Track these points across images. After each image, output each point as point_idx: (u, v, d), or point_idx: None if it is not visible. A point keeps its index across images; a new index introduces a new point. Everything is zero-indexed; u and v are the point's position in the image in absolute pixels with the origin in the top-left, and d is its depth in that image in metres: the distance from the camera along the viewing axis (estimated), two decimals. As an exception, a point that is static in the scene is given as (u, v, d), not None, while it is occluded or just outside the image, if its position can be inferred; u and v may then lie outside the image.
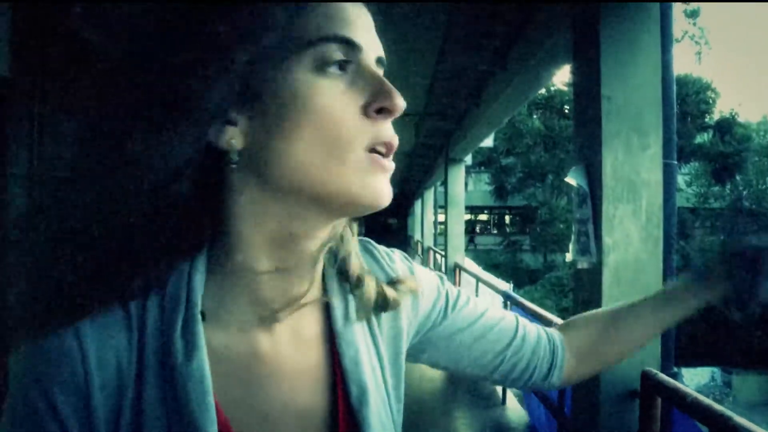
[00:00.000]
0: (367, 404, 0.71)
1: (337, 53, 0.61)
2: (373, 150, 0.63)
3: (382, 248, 0.89)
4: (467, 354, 0.93)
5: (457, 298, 0.95)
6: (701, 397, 2.12)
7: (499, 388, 5.88)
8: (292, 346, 0.71)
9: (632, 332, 1.06)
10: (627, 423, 2.59)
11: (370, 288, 0.76)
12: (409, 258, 0.93)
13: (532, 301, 6.64)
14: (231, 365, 0.66)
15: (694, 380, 19.94)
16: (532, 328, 1.02)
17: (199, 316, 0.63)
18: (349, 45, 0.62)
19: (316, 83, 0.60)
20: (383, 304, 0.77)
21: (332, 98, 0.61)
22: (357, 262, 0.77)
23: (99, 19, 0.62)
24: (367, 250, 0.86)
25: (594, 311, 1.16)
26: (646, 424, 2.48)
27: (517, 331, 0.98)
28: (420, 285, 0.87)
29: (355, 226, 0.79)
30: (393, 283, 0.82)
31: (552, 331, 1.06)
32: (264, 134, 0.61)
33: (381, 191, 0.64)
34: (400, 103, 0.63)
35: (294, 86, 0.60)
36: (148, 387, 0.60)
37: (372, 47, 0.65)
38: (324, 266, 0.76)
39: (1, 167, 3.06)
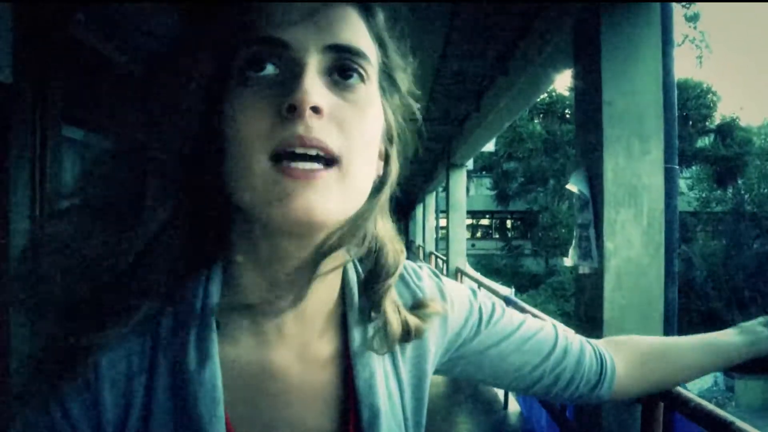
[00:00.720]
0: (378, 429, 0.68)
1: (258, 55, 0.57)
2: (282, 157, 0.55)
3: (410, 265, 0.84)
4: (504, 368, 0.89)
5: (492, 311, 0.90)
6: (704, 402, 2.11)
7: (500, 393, 5.86)
8: (303, 363, 0.69)
9: (679, 368, 1.05)
10: (629, 428, 2.58)
11: (393, 320, 0.73)
12: (438, 274, 0.88)
13: (535, 305, 6.63)
14: (240, 379, 0.65)
15: (696, 385, 19.87)
16: (575, 339, 0.98)
17: (214, 326, 0.62)
18: (274, 44, 0.57)
19: (237, 90, 0.57)
20: (405, 336, 0.74)
21: (246, 105, 0.56)
22: (382, 288, 0.72)
23: (101, 26, 0.61)
24: None
25: (636, 337, 1.10)
26: (647, 429, 2.48)
27: (557, 342, 0.95)
28: (449, 303, 0.83)
29: (395, 245, 0.74)
30: (418, 306, 0.78)
31: (597, 342, 1.02)
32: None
33: (295, 205, 0.55)
34: (301, 96, 0.54)
35: (225, 97, 0.58)
36: (158, 392, 0.60)
37: (312, 38, 0.58)
38: (347, 283, 0.73)
39: (3, 174, 3.06)
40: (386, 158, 0.70)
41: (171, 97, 0.57)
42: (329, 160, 0.57)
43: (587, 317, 2.78)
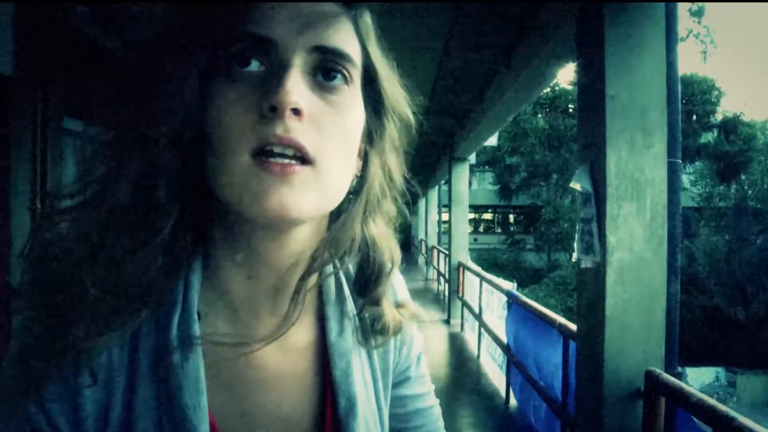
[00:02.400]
0: (354, 416, 0.70)
1: (244, 52, 0.57)
2: (261, 153, 0.56)
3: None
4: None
5: (420, 361, 0.91)
6: (705, 397, 2.11)
7: (503, 388, 5.87)
8: (282, 353, 0.70)
9: None
10: (630, 423, 2.58)
11: (388, 313, 0.76)
12: None
13: (537, 300, 6.63)
14: (220, 368, 0.65)
15: (698, 380, 19.89)
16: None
17: (196, 317, 0.63)
18: (260, 42, 0.57)
19: (222, 85, 0.58)
20: (396, 330, 0.77)
21: (230, 101, 0.57)
22: (382, 281, 0.75)
23: (102, 18, 0.61)
24: None
25: None
26: (649, 424, 2.48)
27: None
28: (412, 326, 0.85)
29: (390, 245, 0.75)
30: (398, 305, 0.81)
31: None
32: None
33: (270, 199, 0.56)
34: (283, 98, 0.55)
35: (209, 94, 0.58)
36: (140, 384, 0.60)
37: (299, 38, 0.58)
38: (324, 274, 0.74)
39: (4, 165, 3.06)
40: (365, 157, 0.70)
41: (159, 91, 0.57)
42: (304, 160, 0.57)
43: (589, 312, 2.78)
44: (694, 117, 27.11)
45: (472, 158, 11.45)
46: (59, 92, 3.32)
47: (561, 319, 3.89)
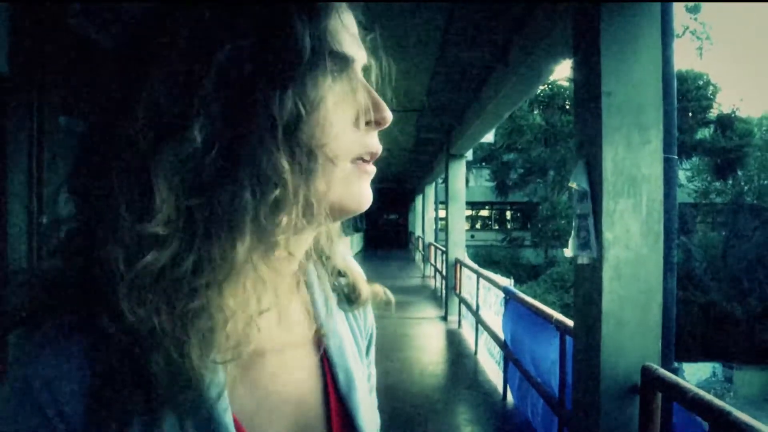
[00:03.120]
0: (354, 389, 0.74)
1: (332, 68, 0.60)
2: (358, 158, 0.65)
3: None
4: None
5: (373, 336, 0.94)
6: (702, 393, 2.12)
7: (500, 384, 5.89)
8: (285, 332, 0.72)
9: None
10: (627, 418, 2.59)
11: (357, 275, 0.82)
12: None
13: (534, 296, 6.65)
14: (238, 367, 0.64)
15: (695, 375, 19.96)
16: None
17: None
18: (343, 60, 0.62)
19: (321, 95, 0.59)
20: (363, 297, 0.82)
21: (332, 111, 0.60)
22: (341, 258, 0.81)
23: (96, 16, 0.60)
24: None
25: None
26: (646, 419, 2.49)
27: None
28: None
29: (336, 226, 0.80)
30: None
31: None
32: None
33: (364, 196, 0.66)
34: (389, 116, 0.65)
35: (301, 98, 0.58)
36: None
37: (359, 56, 0.65)
38: (302, 263, 0.77)
39: (1, 164, 3.06)
40: None
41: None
42: None
43: (586, 308, 2.79)
44: (690, 113, 27.14)
45: (469, 155, 11.46)
46: (55, 91, 3.31)
47: (558, 315, 3.90)
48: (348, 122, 0.62)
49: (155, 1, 0.59)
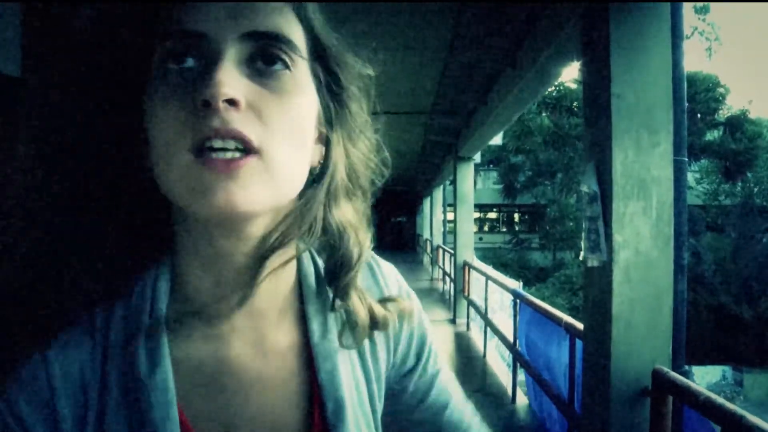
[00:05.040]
0: (343, 420, 0.68)
1: (177, 49, 0.56)
2: (202, 150, 0.54)
3: (383, 263, 0.85)
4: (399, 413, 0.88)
5: (435, 360, 0.90)
6: (713, 396, 2.11)
7: (509, 387, 5.87)
8: (261, 357, 0.68)
9: None
10: (638, 421, 2.58)
11: (359, 310, 0.73)
12: (405, 283, 0.89)
13: (543, 299, 6.62)
14: (196, 376, 0.64)
15: (705, 378, 19.84)
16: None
17: (164, 327, 0.61)
18: (190, 36, 0.56)
19: (157, 85, 0.56)
20: (373, 326, 0.74)
21: (165, 99, 0.55)
22: (348, 271, 0.72)
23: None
24: (366, 265, 0.82)
25: None
26: (657, 423, 2.48)
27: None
28: (416, 309, 0.84)
29: (358, 234, 0.72)
30: (385, 299, 0.78)
31: None
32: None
33: (217, 196, 0.54)
34: (214, 90, 0.53)
35: (147, 91, 0.57)
36: (111, 399, 0.59)
37: (230, 26, 0.57)
38: (304, 274, 0.74)
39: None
40: (327, 143, 0.68)
41: (93, 92, 0.58)
42: (249, 151, 0.55)
43: (596, 310, 2.78)
44: (699, 115, 27.01)
45: (477, 157, 11.45)
46: (67, 93, 3.33)
47: (567, 318, 3.89)
48: (183, 108, 0.55)
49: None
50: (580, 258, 2.91)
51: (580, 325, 3.44)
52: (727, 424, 1.97)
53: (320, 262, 0.75)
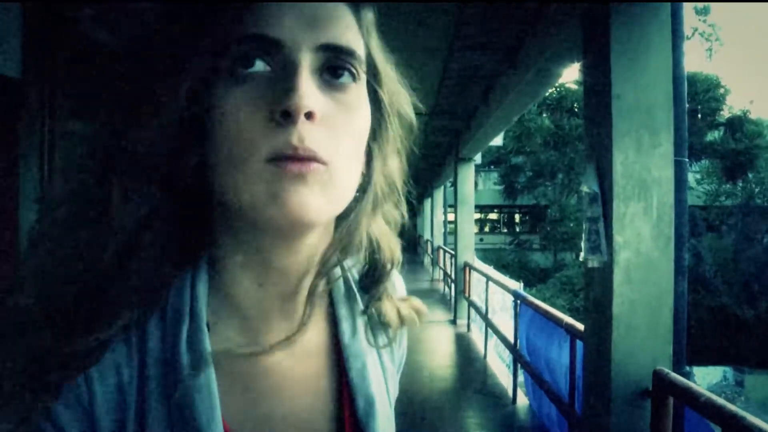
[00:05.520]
0: (374, 417, 0.69)
1: (248, 53, 0.56)
2: (280, 158, 0.55)
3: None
4: None
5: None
6: (714, 397, 2.11)
7: (509, 388, 5.87)
8: (294, 357, 0.69)
9: None
10: (638, 422, 2.58)
11: (390, 312, 0.76)
12: None
13: (543, 300, 6.63)
14: (233, 377, 0.64)
15: (705, 379, 19.82)
16: None
17: (205, 328, 0.61)
18: (266, 42, 0.56)
19: (227, 88, 0.56)
20: (400, 324, 0.78)
21: (238, 104, 0.55)
22: (384, 279, 0.76)
23: (109, 20, 0.60)
24: None
25: None
26: (657, 424, 2.47)
27: None
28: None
29: (391, 242, 0.75)
30: (401, 301, 0.81)
31: None
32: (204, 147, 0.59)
33: (290, 202, 0.55)
34: (297, 102, 0.54)
35: (213, 97, 0.56)
36: (151, 401, 0.58)
37: (306, 36, 0.57)
38: (332, 276, 0.74)
39: (13, 170, 3.07)
40: (369, 156, 0.68)
41: (155, 92, 0.56)
42: (319, 161, 0.56)
43: (596, 312, 2.78)
44: (699, 115, 27.00)
45: (478, 158, 11.46)
46: (67, 96, 3.33)
47: (568, 319, 3.89)
48: (260, 116, 0.55)
49: (163, 3, 0.59)
50: (580, 259, 2.90)
51: (580, 326, 3.44)
52: (727, 425, 1.96)
53: (346, 265, 0.76)
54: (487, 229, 37.03)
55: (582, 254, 2.86)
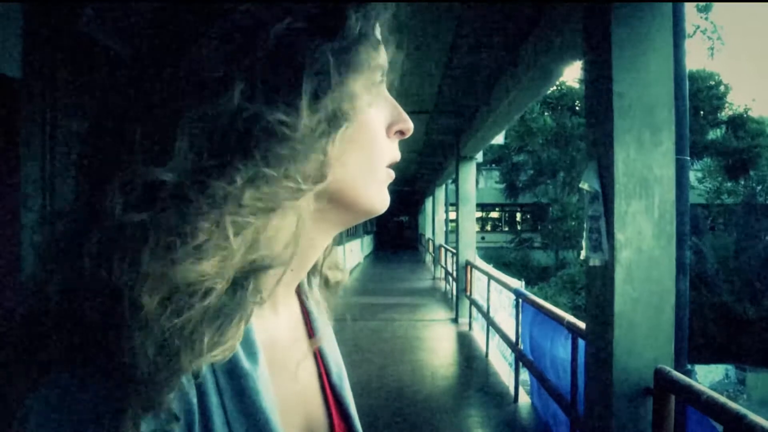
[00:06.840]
0: (343, 379, 0.75)
1: (373, 63, 0.58)
2: (391, 165, 0.67)
3: None
4: None
5: None
6: (716, 395, 2.11)
7: (511, 386, 5.87)
8: (291, 332, 0.71)
9: None
10: (640, 420, 2.58)
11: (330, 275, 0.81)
12: None
13: (545, 298, 6.62)
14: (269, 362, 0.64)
15: (707, 378, 19.80)
16: None
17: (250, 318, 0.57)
18: (382, 58, 0.61)
19: (373, 98, 0.60)
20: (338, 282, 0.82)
21: (377, 117, 0.63)
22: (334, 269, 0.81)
23: (110, 21, 0.59)
24: None
25: None
26: (659, 422, 2.47)
27: None
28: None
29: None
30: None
31: None
32: None
33: (387, 200, 0.67)
34: (411, 127, 0.67)
35: (365, 101, 0.59)
36: (210, 397, 0.54)
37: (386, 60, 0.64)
38: None
39: (14, 168, 3.08)
40: None
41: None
42: None
43: (598, 310, 2.77)
44: (701, 113, 26.98)
45: (479, 156, 11.45)
46: (67, 95, 3.34)
47: (570, 317, 3.88)
48: (382, 129, 0.64)
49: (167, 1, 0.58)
50: (582, 257, 2.90)
51: (582, 325, 3.44)
52: (729, 423, 1.96)
53: None
54: (488, 227, 37.04)
55: (583, 252, 2.86)
